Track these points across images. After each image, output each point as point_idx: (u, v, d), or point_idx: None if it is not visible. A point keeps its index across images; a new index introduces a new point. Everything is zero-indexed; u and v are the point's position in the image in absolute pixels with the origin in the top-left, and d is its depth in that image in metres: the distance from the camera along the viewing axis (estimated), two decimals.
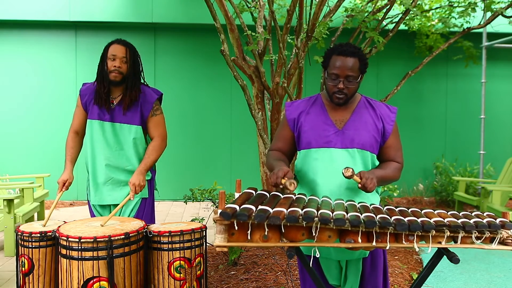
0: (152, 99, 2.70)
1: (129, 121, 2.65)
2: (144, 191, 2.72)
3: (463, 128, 7.36)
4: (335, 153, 1.98)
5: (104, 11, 6.61)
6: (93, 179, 2.69)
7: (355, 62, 1.94)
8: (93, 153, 2.67)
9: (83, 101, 2.70)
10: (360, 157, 1.99)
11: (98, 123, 2.65)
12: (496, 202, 5.12)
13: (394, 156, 2.06)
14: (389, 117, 2.06)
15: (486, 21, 4.75)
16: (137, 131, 2.67)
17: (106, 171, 2.66)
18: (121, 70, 2.59)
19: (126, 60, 2.61)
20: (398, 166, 2.06)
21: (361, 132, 2.00)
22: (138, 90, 2.67)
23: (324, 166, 1.98)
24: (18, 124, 6.79)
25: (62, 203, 6.62)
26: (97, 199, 2.70)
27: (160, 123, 2.74)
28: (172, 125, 7.09)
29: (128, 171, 2.68)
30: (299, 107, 2.12)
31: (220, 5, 3.72)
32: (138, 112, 2.66)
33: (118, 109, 2.65)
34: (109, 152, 2.65)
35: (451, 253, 1.64)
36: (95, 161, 2.68)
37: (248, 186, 1.87)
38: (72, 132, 2.74)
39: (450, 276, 3.59)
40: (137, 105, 2.66)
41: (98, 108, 2.64)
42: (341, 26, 4.72)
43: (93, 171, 2.69)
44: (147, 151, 2.70)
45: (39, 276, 2.22)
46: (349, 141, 1.98)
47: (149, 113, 2.69)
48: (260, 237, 1.50)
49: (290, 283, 3.21)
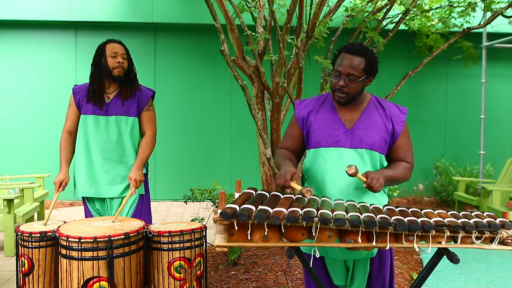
0: (148, 94, 2.85)
1: (126, 113, 2.75)
2: (141, 188, 2.79)
3: (463, 128, 7.36)
4: (344, 153, 1.97)
5: (104, 11, 6.61)
6: (89, 173, 2.73)
7: (360, 61, 1.92)
8: (88, 147, 2.73)
9: (76, 98, 2.78)
10: (369, 157, 1.97)
11: (93, 118, 2.72)
12: (496, 202, 5.12)
13: (404, 157, 2.04)
14: (399, 117, 2.03)
15: (486, 21, 4.75)
16: (134, 123, 2.77)
17: (103, 164, 2.72)
18: (123, 65, 2.74)
19: (125, 57, 2.77)
20: (408, 166, 2.03)
21: (371, 132, 1.98)
22: (137, 82, 2.84)
23: (333, 165, 1.97)
24: (18, 124, 6.79)
25: (62, 203, 6.62)
26: (93, 191, 2.74)
27: (153, 119, 2.86)
28: (172, 125, 7.17)
29: (124, 162, 2.75)
30: (308, 106, 2.11)
31: (220, 5, 3.72)
32: (135, 103, 2.77)
33: (114, 102, 2.74)
34: (105, 145, 2.72)
35: (451, 253, 1.64)
36: (90, 155, 2.73)
37: (248, 186, 1.87)
38: (66, 132, 2.79)
39: (450, 276, 3.59)
40: (134, 97, 2.77)
41: (92, 104, 2.73)
42: (341, 26, 4.72)
43: (89, 165, 2.73)
44: (141, 146, 2.79)
45: (39, 276, 2.22)
46: (358, 141, 1.97)
47: (144, 107, 2.81)
48: (260, 237, 1.50)
49: (290, 283, 3.21)
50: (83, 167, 2.74)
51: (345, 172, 1.82)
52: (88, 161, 2.73)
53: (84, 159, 2.74)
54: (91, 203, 2.79)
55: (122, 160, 2.74)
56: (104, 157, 2.72)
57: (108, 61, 2.71)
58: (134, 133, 2.78)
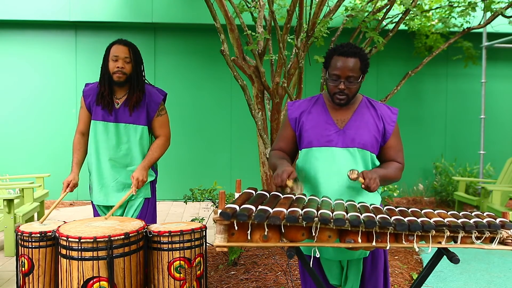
0: (158, 100, 2.71)
1: (135, 121, 2.65)
2: (147, 191, 2.73)
3: (463, 128, 7.36)
4: (336, 152, 1.99)
5: (104, 11, 6.61)
6: (98, 180, 2.69)
7: (356, 62, 1.94)
8: (97, 154, 2.67)
9: (87, 102, 2.70)
10: (360, 157, 2.00)
11: (103, 124, 2.64)
12: (496, 202, 5.12)
13: (394, 157, 2.07)
14: (390, 117, 2.06)
15: (486, 21, 4.75)
16: (143, 131, 2.68)
17: (112, 172, 2.67)
18: (125, 70, 2.58)
19: (129, 60, 2.60)
20: (399, 166, 2.06)
21: (362, 131, 2.01)
22: (142, 89, 2.67)
23: (325, 165, 1.99)
24: (18, 124, 6.78)
25: (62, 203, 6.62)
26: (102, 199, 2.70)
27: (165, 123, 2.77)
28: (172, 125, 7.04)
29: (132, 172, 2.67)
30: (300, 107, 2.13)
31: (220, 5, 3.72)
32: (144, 112, 2.66)
33: (123, 110, 2.64)
34: (114, 153, 2.65)
35: (451, 253, 1.64)
36: (100, 162, 2.68)
37: (248, 186, 1.87)
38: (78, 133, 2.74)
39: (450, 276, 3.59)
40: (143, 105, 2.66)
41: (101, 109, 2.64)
42: (341, 26, 4.72)
43: (99, 172, 2.68)
44: (151, 148, 2.72)
45: (39, 276, 2.22)
46: (350, 141, 1.99)
47: (155, 113, 2.70)
48: (260, 237, 1.50)
49: (290, 283, 3.21)
50: (94, 174, 2.70)
51: (347, 176, 1.83)
52: (98, 167, 2.68)
53: (95, 166, 2.68)
54: (100, 209, 2.76)
55: (130, 169, 2.67)
56: (112, 165, 2.66)
57: (109, 64, 2.59)
58: (144, 142, 2.70)
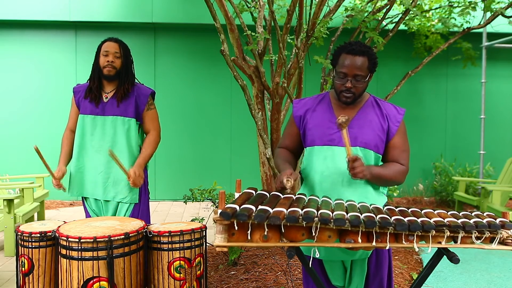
0: (147, 93, 2.80)
1: (123, 113, 2.71)
2: (134, 196, 2.75)
3: (463, 128, 7.36)
4: (338, 151, 1.98)
5: (104, 11, 6.61)
6: (82, 172, 2.74)
7: (364, 61, 1.93)
8: (82, 147, 2.74)
9: (76, 98, 2.80)
10: (363, 156, 1.97)
11: (90, 118, 2.72)
12: (496, 202, 5.12)
13: (397, 157, 2.02)
14: (395, 117, 2.03)
15: (486, 21, 4.75)
16: (130, 124, 2.73)
17: (96, 165, 2.71)
18: (114, 64, 2.70)
19: (119, 55, 2.72)
20: (401, 169, 2.00)
21: (365, 130, 1.99)
22: (131, 82, 2.77)
23: (327, 164, 1.98)
24: (18, 124, 6.78)
25: (62, 203, 6.63)
26: (86, 191, 2.76)
27: (155, 117, 2.83)
28: (172, 125, 7.15)
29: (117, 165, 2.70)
30: (306, 105, 2.12)
31: (220, 5, 3.72)
32: (132, 104, 2.73)
33: (111, 103, 2.72)
34: (99, 146, 2.71)
35: (451, 253, 1.64)
36: (84, 155, 2.74)
37: (248, 186, 1.87)
38: (68, 130, 2.85)
39: (450, 276, 3.59)
40: (131, 97, 2.73)
41: (89, 102, 2.72)
42: (341, 26, 4.72)
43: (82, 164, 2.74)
44: (144, 144, 2.78)
45: (39, 276, 2.22)
46: (352, 139, 1.96)
47: (144, 106, 2.77)
48: (260, 237, 1.50)
49: (290, 283, 3.21)
50: (77, 167, 2.74)
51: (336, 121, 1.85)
52: (81, 160, 2.74)
53: (77, 159, 2.74)
54: (89, 203, 2.80)
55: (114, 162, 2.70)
56: (98, 158, 2.70)
57: (100, 59, 2.71)
58: (131, 134, 2.73)
